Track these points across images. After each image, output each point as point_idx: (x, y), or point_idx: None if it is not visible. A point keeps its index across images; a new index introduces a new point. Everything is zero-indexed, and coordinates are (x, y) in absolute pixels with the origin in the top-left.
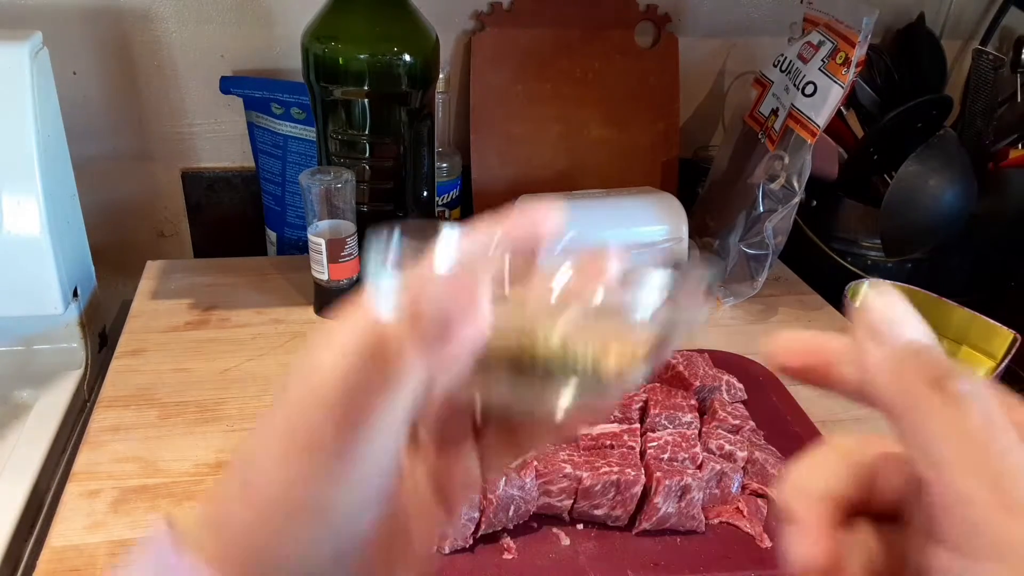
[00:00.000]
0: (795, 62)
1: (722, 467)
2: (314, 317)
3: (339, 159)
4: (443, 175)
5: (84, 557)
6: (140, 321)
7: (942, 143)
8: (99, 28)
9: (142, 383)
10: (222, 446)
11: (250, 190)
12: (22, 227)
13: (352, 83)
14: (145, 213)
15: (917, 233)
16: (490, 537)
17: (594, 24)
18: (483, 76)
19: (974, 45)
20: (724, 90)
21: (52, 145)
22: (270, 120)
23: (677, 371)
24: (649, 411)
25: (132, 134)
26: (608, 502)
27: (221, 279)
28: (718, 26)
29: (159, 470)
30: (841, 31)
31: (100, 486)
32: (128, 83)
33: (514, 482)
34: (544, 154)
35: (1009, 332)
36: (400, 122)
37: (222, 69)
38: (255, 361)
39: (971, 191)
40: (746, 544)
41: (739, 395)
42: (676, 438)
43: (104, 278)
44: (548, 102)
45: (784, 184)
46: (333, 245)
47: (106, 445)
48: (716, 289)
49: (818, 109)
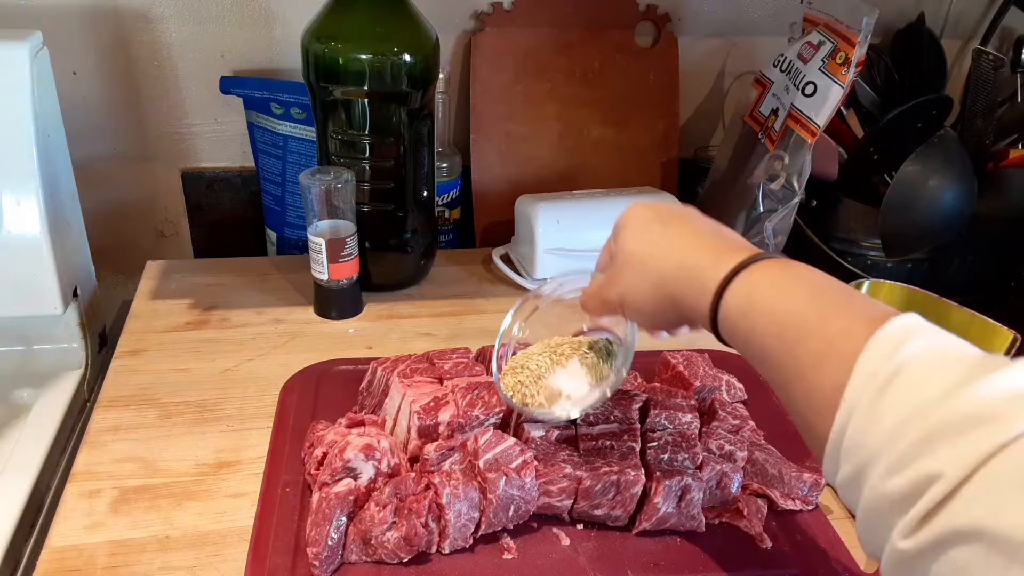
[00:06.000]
0: (795, 62)
1: (722, 467)
2: (314, 317)
3: (339, 159)
4: (443, 175)
5: (84, 557)
6: (140, 321)
7: (942, 143)
8: (99, 28)
9: (142, 383)
10: (222, 446)
11: (250, 190)
12: (22, 227)
13: (352, 83)
14: (145, 213)
15: (917, 233)
16: (490, 537)
17: (594, 24)
18: (483, 76)
19: (974, 45)
20: (724, 90)
21: (52, 145)
22: (270, 120)
23: (677, 371)
24: (649, 411)
25: (132, 134)
26: (608, 502)
27: (221, 279)
28: (718, 26)
29: (159, 470)
30: (841, 31)
31: (100, 486)
32: (128, 83)
33: (514, 482)
34: (544, 154)
35: (1009, 332)
36: (400, 122)
37: (222, 69)
38: (255, 361)
39: (971, 191)
40: (746, 544)
41: (739, 395)
42: (676, 438)
43: (104, 278)
44: (548, 102)
45: (784, 184)
46: (333, 245)
47: (106, 445)
48: None
49: (818, 109)
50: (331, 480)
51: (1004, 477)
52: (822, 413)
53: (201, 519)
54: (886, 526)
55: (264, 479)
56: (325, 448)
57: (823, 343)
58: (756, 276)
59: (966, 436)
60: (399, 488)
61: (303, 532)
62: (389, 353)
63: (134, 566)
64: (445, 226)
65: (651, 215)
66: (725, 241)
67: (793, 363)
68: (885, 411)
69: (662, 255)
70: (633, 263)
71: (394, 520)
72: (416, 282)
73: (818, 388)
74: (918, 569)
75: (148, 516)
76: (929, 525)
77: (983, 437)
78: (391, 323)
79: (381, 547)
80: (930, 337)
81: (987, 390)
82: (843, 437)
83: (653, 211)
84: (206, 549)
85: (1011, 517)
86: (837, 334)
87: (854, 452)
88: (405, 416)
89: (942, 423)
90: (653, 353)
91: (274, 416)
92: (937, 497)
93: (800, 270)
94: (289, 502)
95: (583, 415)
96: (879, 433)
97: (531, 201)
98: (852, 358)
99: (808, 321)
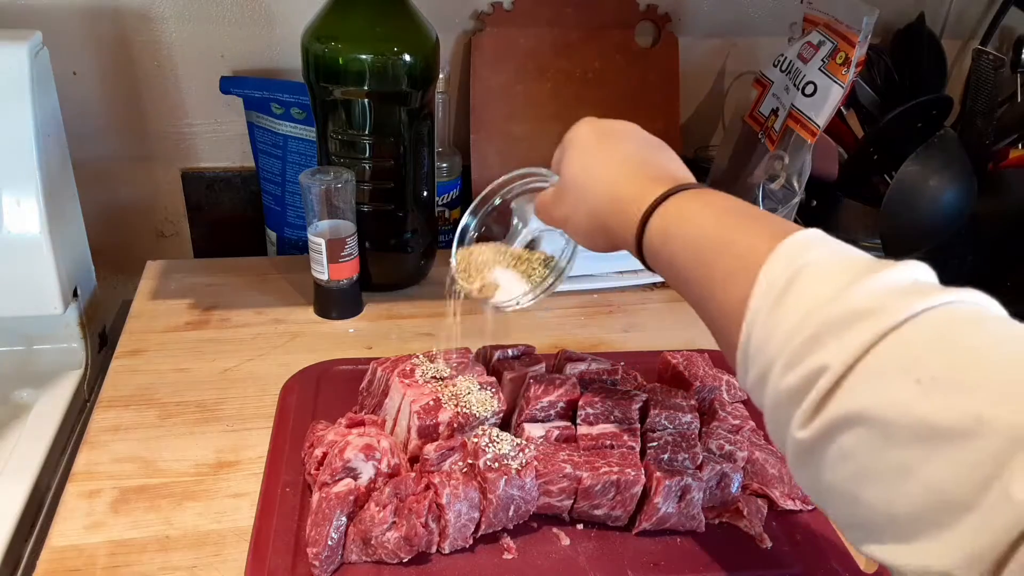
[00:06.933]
0: (795, 62)
1: (722, 467)
2: (314, 317)
3: (339, 159)
4: (443, 175)
5: (84, 557)
6: (140, 321)
7: (942, 143)
8: (99, 28)
9: (142, 383)
10: (222, 446)
11: (250, 190)
12: (22, 227)
13: (352, 83)
14: (145, 213)
15: (917, 233)
16: (490, 537)
17: (594, 24)
18: (483, 76)
19: (974, 45)
20: (724, 90)
21: (52, 145)
22: (270, 120)
23: (677, 371)
24: (649, 411)
25: (132, 134)
26: (608, 502)
27: (221, 279)
28: (718, 26)
29: (159, 470)
30: (841, 31)
31: (100, 486)
32: (128, 83)
33: (514, 482)
34: (544, 154)
35: None
36: (400, 122)
37: (222, 69)
38: (255, 361)
39: (971, 191)
40: (746, 544)
41: (739, 395)
42: (676, 438)
43: (104, 278)
44: (548, 102)
45: (784, 184)
46: (333, 245)
47: (106, 445)
48: None
49: (818, 109)
50: (331, 480)
51: (883, 363)
52: (732, 325)
53: (201, 519)
54: (786, 421)
55: (264, 479)
56: (325, 448)
57: (732, 260)
58: (673, 207)
59: (851, 329)
60: (399, 488)
61: (303, 532)
62: (389, 353)
63: (134, 566)
64: (445, 226)
65: (592, 137)
66: (650, 169)
67: (708, 282)
68: (782, 316)
69: (594, 185)
70: (572, 189)
71: (394, 520)
72: (416, 282)
73: (727, 302)
74: (814, 457)
75: (148, 516)
76: (820, 415)
77: (865, 328)
78: (391, 323)
79: (381, 547)
80: (826, 247)
81: (871, 287)
82: (748, 344)
83: (594, 131)
84: (206, 549)
85: (888, 399)
86: (744, 251)
87: (757, 356)
88: (405, 416)
89: (829, 319)
90: (653, 353)
91: (274, 416)
92: (825, 388)
93: (712, 197)
94: (289, 502)
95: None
96: (777, 336)
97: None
98: (756, 271)
99: (719, 242)
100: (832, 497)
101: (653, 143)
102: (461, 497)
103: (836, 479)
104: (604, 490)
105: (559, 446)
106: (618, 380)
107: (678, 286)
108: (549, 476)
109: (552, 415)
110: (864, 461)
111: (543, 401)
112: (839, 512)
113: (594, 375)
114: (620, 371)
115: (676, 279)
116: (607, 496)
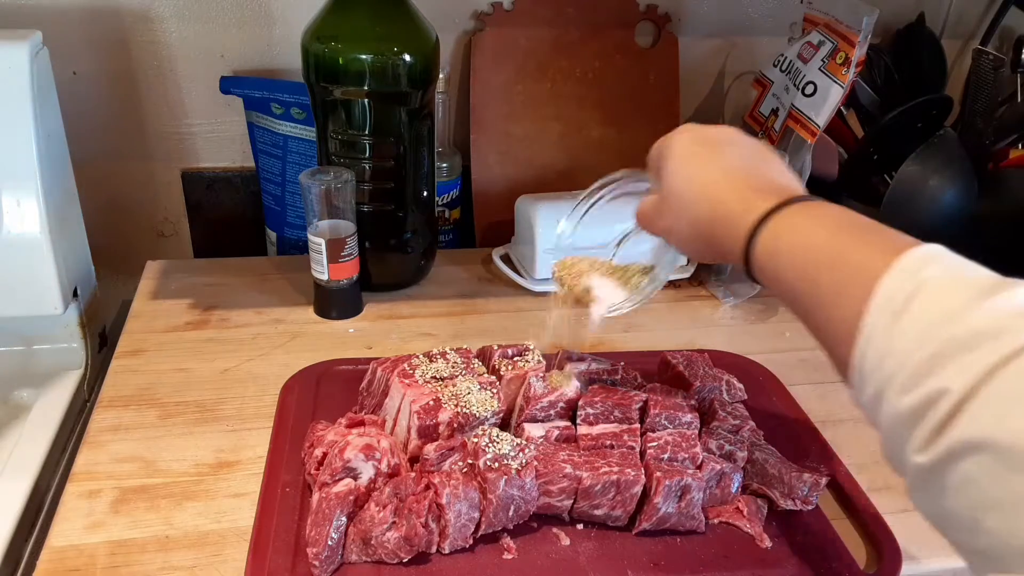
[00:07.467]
0: (795, 62)
1: (722, 467)
2: (314, 317)
3: (339, 159)
4: (443, 175)
5: (84, 557)
6: (140, 321)
7: (942, 143)
8: (99, 28)
9: (142, 383)
10: (222, 446)
11: (250, 190)
12: (22, 227)
13: (352, 83)
14: (145, 213)
15: (917, 233)
16: (490, 537)
17: (594, 24)
18: (483, 76)
19: (974, 45)
20: (724, 90)
21: (52, 145)
22: (270, 120)
23: (677, 371)
24: (649, 411)
25: (132, 134)
26: (608, 502)
27: (221, 279)
28: (718, 26)
29: (159, 470)
30: (841, 31)
31: (100, 486)
32: (128, 83)
33: (514, 482)
34: (544, 154)
35: None
36: (400, 122)
37: (222, 69)
38: (255, 361)
39: (971, 191)
40: (746, 544)
41: (739, 395)
42: (676, 438)
43: (104, 278)
44: (548, 102)
45: None
46: (333, 245)
47: (106, 445)
48: (717, 290)
49: (818, 109)
50: (331, 480)
51: (1007, 389)
52: (845, 340)
53: (201, 519)
54: (903, 442)
55: (264, 479)
56: (325, 448)
57: (845, 274)
58: (782, 222)
59: (972, 352)
60: (399, 488)
61: (303, 532)
62: (389, 353)
63: (134, 566)
64: (445, 226)
65: (693, 146)
66: (755, 180)
67: (817, 295)
68: (900, 333)
69: (698, 197)
70: (673, 201)
71: (394, 520)
72: (416, 282)
73: (840, 317)
74: (935, 482)
75: (148, 516)
76: (940, 439)
77: (988, 352)
78: (391, 323)
79: (381, 547)
80: (947, 262)
81: (994, 308)
82: (864, 361)
83: (694, 140)
84: (206, 549)
85: (1014, 426)
86: (858, 266)
87: (873, 374)
88: (405, 416)
89: (950, 340)
90: (653, 353)
91: (274, 416)
92: (945, 411)
93: (822, 209)
94: (289, 502)
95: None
96: (894, 354)
97: (531, 201)
98: (872, 286)
99: (831, 256)
100: (952, 523)
101: (755, 149)
102: (461, 497)
103: (957, 506)
104: (604, 490)
105: (559, 446)
106: (618, 380)
107: (786, 300)
108: (549, 476)
109: (552, 415)
110: (986, 488)
111: (543, 401)
112: (960, 538)
113: (594, 375)
114: (620, 371)
115: (784, 293)
116: (607, 496)
